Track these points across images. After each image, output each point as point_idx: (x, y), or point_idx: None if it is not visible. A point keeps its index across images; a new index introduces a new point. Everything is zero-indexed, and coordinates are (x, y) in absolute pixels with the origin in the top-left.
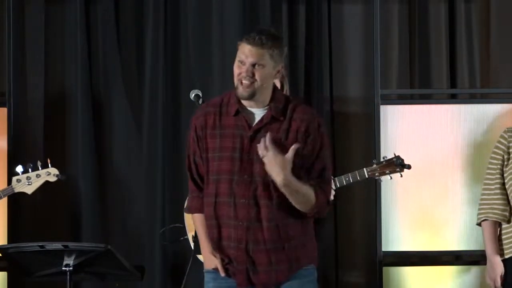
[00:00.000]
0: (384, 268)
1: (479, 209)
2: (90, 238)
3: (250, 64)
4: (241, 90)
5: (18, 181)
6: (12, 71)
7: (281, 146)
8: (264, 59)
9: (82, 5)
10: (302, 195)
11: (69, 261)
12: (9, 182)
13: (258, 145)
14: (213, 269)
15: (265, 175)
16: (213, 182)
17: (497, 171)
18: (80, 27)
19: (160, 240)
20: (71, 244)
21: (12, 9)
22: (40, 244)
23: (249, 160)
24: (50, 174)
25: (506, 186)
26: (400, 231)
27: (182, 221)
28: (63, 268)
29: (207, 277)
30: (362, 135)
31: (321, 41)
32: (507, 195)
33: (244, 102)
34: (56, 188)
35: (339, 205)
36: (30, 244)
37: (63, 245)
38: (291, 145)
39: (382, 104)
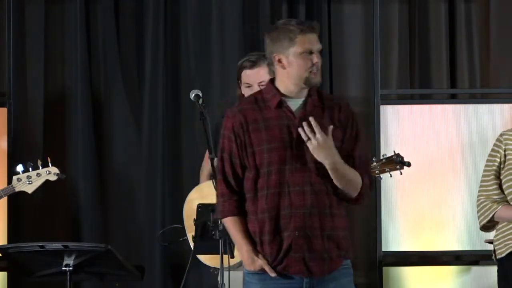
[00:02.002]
0: (384, 268)
1: (481, 210)
2: (90, 238)
3: (317, 51)
4: (317, 79)
5: (19, 180)
6: (12, 71)
7: (326, 132)
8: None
9: (82, 5)
10: (349, 179)
11: (69, 261)
12: (9, 182)
13: (299, 129)
14: (259, 270)
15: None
16: (264, 175)
17: (492, 172)
18: (80, 27)
19: (159, 241)
20: (71, 244)
21: (12, 9)
22: (40, 244)
23: (300, 148)
24: (51, 173)
25: (504, 187)
26: (400, 231)
27: (181, 221)
28: (63, 268)
29: (252, 279)
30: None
31: (321, 41)
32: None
33: (286, 93)
34: (56, 188)
35: None
36: (30, 244)
37: (63, 245)
38: (338, 132)
39: (382, 104)
